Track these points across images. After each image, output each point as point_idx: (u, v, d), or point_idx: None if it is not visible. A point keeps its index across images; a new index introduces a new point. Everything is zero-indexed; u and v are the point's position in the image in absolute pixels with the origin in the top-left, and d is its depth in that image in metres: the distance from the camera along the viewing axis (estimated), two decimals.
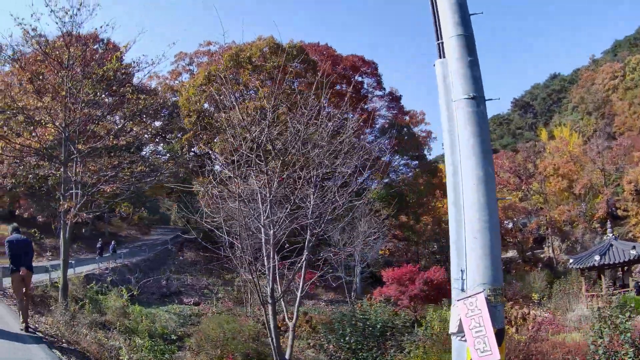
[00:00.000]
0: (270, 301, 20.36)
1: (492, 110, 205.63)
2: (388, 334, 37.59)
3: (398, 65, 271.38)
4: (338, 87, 73.33)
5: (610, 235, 54.15)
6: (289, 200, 21.67)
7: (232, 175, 22.63)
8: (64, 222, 32.21)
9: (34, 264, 22.07)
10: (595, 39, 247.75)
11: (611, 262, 49.16)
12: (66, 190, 32.49)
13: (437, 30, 10.14)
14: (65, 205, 30.68)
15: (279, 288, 22.03)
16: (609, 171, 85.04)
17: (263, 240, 21.47)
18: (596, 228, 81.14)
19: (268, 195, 21.24)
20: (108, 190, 34.39)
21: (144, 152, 71.96)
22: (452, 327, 8.82)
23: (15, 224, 22.39)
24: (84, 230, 72.10)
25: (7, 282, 29.90)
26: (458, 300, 8.62)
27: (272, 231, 20.90)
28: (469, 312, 8.36)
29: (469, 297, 8.43)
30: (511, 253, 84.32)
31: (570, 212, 79.72)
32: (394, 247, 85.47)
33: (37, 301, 29.98)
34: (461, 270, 8.79)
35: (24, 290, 20.45)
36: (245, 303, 51.15)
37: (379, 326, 37.38)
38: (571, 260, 54.23)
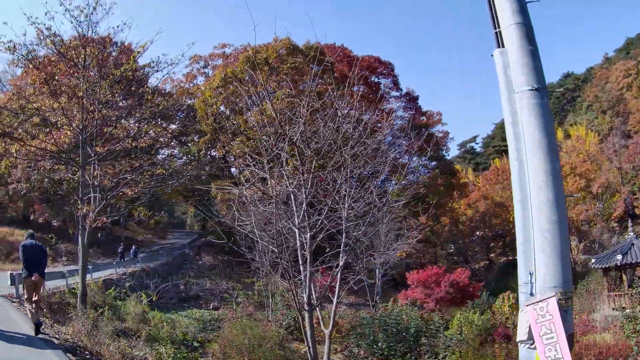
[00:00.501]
0: (307, 309, 19.45)
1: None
2: (422, 339, 36.70)
3: (412, 65, 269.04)
4: (355, 88, 71.98)
5: (632, 234, 52.73)
6: (323, 202, 20.54)
7: (265, 176, 21.85)
8: (83, 226, 30.86)
9: (49, 269, 25.00)
10: (607, 37, 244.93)
11: (633, 262, 47.88)
12: (84, 194, 30.94)
13: (493, 18, 9.82)
14: (85, 209, 29.34)
15: (313, 295, 20.66)
16: (625, 170, 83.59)
17: (298, 245, 20.66)
18: (614, 227, 79.74)
19: (304, 197, 19.93)
20: (129, 193, 33.10)
21: (160, 156, 70.81)
22: (521, 335, 8.59)
23: (30, 231, 22.22)
24: (100, 234, 70.52)
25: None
26: (527, 306, 8.37)
27: (308, 235, 19.93)
28: (539, 318, 8.14)
29: (539, 301, 8.19)
30: None
31: (588, 211, 78.27)
32: (412, 248, 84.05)
33: (54, 308, 29.32)
34: (530, 273, 8.54)
35: (35, 297, 20.47)
36: (267, 308, 49.85)
37: (412, 330, 36.62)
38: (593, 260, 52.77)
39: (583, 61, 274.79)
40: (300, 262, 20.44)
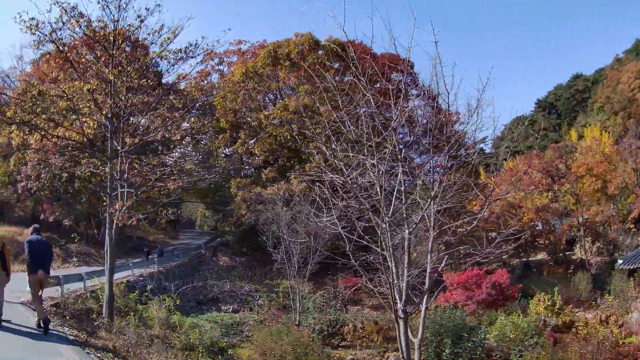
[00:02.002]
0: (402, 316, 17.66)
1: (515, 111, 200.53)
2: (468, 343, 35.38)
3: (427, 62, 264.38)
4: (377, 85, 69.77)
5: None
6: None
7: (342, 167, 18.82)
8: (110, 225, 27.28)
9: (66, 271, 26.12)
10: (616, 38, 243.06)
11: None
12: (112, 189, 27.25)
13: None
14: (116, 206, 25.69)
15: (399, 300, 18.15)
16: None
17: (388, 244, 18.02)
18: (630, 229, 76.98)
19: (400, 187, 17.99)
20: (172, 187, 29.27)
21: (175, 153, 67.70)
22: None
23: (36, 225, 21.59)
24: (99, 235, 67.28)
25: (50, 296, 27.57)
26: None
27: (407, 231, 17.81)
28: None
29: None
30: (540, 255, 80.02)
31: (604, 212, 75.37)
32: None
33: (77, 315, 26.16)
34: None
35: (39, 293, 20.12)
36: (294, 311, 47.37)
37: (481, 335, 36.04)
38: (620, 262, 50.41)
39: (592, 62, 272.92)
40: (392, 263, 17.83)
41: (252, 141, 63.22)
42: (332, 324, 42.54)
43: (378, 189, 17.89)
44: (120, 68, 26.85)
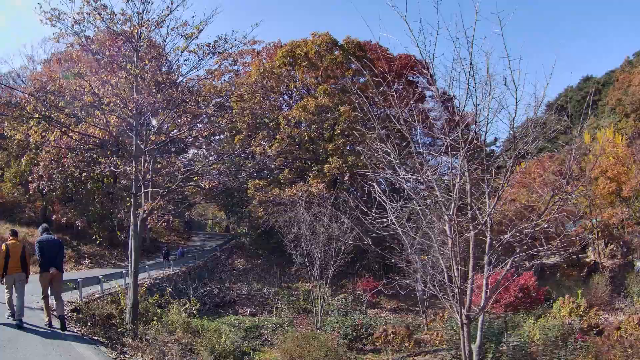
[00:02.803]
0: (465, 321, 16.29)
1: (526, 113, 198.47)
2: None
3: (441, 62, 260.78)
4: (395, 86, 68.29)
5: None
6: None
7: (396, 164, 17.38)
8: (135, 226, 25.97)
9: (86, 273, 26.23)
10: (625, 40, 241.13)
11: None
12: (138, 189, 25.88)
13: None
14: (145, 207, 24.10)
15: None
16: None
17: (456, 246, 16.56)
18: None
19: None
20: (206, 186, 27.59)
21: (190, 154, 66.12)
22: None
23: (45, 225, 21.78)
24: (122, 236, 65.55)
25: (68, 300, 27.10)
26: None
27: (472, 232, 16.46)
28: None
29: None
30: (552, 258, 78.56)
31: (618, 214, 73.92)
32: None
33: (98, 320, 24.57)
34: None
35: (49, 291, 20.17)
36: (315, 314, 45.43)
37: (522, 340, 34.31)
38: (639, 264, 49.00)
39: (601, 65, 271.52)
40: (455, 266, 16.24)
41: (266, 141, 61.57)
42: (357, 327, 40.90)
43: (452, 188, 16.80)
44: (146, 62, 25.47)
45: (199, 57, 26.95)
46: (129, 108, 25.45)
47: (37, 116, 24.19)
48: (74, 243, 55.22)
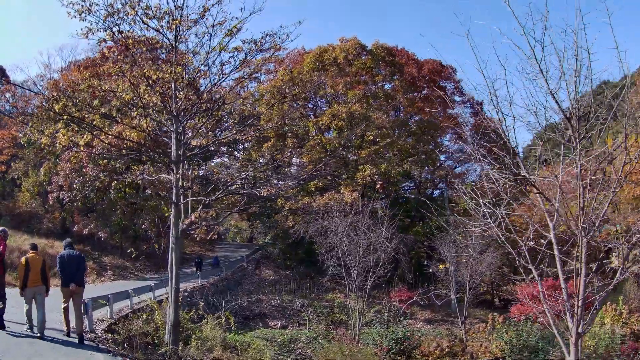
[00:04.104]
0: (574, 336, 14.10)
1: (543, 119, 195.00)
2: None
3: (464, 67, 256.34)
4: (425, 91, 67.78)
5: None
6: None
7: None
8: (176, 239, 23.47)
9: (114, 285, 27.13)
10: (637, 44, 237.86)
11: None
12: (178, 198, 23.29)
13: None
14: (193, 217, 21.44)
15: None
16: None
17: (581, 254, 14.33)
18: None
19: None
20: (264, 194, 24.87)
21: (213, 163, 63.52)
22: None
23: (68, 239, 21.43)
24: (145, 247, 62.76)
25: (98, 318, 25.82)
26: None
27: (584, 239, 14.06)
28: None
29: None
30: (572, 266, 75.82)
31: None
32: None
33: (133, 340, 22.84)
34: None
35: (68, 304, 19.76)
36: (352, 327, 43.37)
37: None
38: None
39: (617, 69, 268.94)
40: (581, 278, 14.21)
41: (295, 149, 58.86)
42: (400, 341, 37.96)
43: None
44: (188, 59, 23.64)
45: (245, 54, 23.90)
46: (169, 109, 22.84)
47: (65, 117, 21.50)
48: (96, 255, 52.84)
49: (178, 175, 22.69)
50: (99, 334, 22.65)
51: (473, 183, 65.21)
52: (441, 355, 37.57)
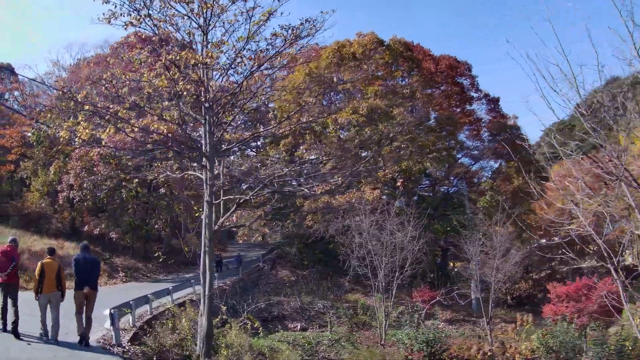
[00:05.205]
0: None
1: (553, 116, 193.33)
2: None
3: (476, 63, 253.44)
4: (442, 87, 67.30)
5: None
6: None
7: None
8: (210, 241, 21.82)
9: (134, 288, 28.22)
10: None
11: None
12: (212, 196, 21.42)
13: None
14: (235, 218, 19.34)
15: None
16: None
17: None
18: None
19: None
20: (318, 191, 22.65)
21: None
22: None
23: (85, 242, 21.04)
24: (156, 248, 60.54)
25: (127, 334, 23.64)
26: None
27: None
28: None
29: None
30: (587, 263, 73.73)
31: None
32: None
33: (163, 352, 21.40)
34: None
35: (84, 308, 19.24)
36: (379, 328, 41.98)
37: None
38: None
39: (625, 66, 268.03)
40: None
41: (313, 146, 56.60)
42: (430, 343, 36.84)
43: None
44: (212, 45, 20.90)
45: (284, 40, 21.34)
46: (202, 99, 20.71)
47: (87, 108, 19.74)
48: (107, 256, 50.43)
49: (217, 171, 20.33)
50: (126, 347, 20.97)
51: (490, 180, 63.65)
52: (483, 358, 35.86)
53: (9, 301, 18.31)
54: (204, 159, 21.24)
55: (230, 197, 22.38)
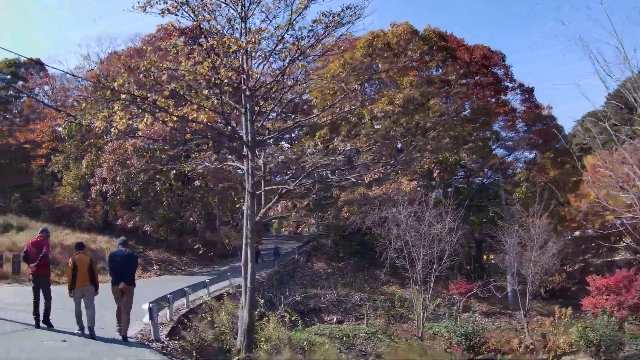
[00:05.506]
0: None
1: (586, 106, 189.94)
2: None
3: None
4: (477, 77, 65.76)
5: None
6: None
7: None
8: (252, 232, 21.43)
9: (175, 291, 26.09)
10: None
11: None
12: (255, 187, 21.02)
13: None
14: (279, 208, 18.77)
15: None
16: None
17: None
18: None
19: None
20: (367, 180, 22.06)
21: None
22: None
23: (123, 238, 20.82)
24: (190, 240, 60.08)
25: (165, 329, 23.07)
26: None
27: None
28: None
29: None
30: (621, 255, 72.39)
31: None
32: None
33: (203, 347, 21.51)
34: None
35: (123, 301, 18.63)
36: (417, 321, 41.27)
37: None
38: None
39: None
40: None
41: (348, 138, 55.94)
42: (469, 336, 36.17)
43: None
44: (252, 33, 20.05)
45: (325, 26, 20.68)
46: (243, 87, 20.06)
47: (124, 97, 18.98)
48: (140, 249, 49.88)
49: (260, 161, 19.68)
50: (165, 342, 20.52)
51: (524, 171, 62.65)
52: (525, 352, 35.12)
53: (41, 293, 18.22)
54: (244, 149, 20.65)
55: (273, 187, 21.74)
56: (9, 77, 66.51)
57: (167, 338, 21.20)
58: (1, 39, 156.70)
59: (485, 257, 65.07)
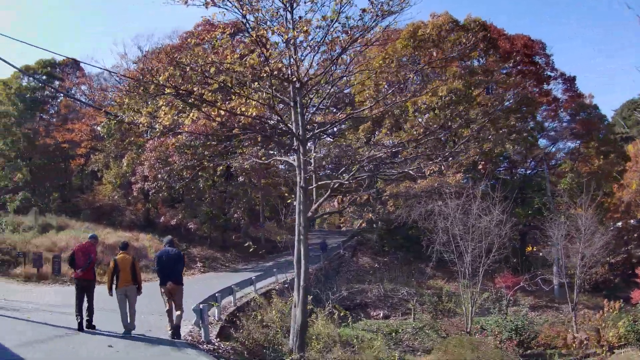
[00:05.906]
0: None
1: (625, 95, 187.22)
2: None
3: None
4: (518, 67, 64.04)
5: None
6: None
7: None
8: (305, 228, 20.77)
9: (223, 289, 26.65)
10: None
11: None
12: (306, 181, 20.21)
13: None
14: (336, 203, 18.99)
15: None
16: None
17: None
18: None
19: None
20: (428, 172, 21.40)
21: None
22: None
23: (169, 237, 20.73)
24: (234, 237, 59.68)
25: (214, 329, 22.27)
26: None
27: None
28: None
29: None
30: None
31: None
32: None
33: (255, 348, 20.97)
34: None
35: (173, 302, 18.80)
36: (465, 316, 39.83)
37: None
38: None
39: None
40: None
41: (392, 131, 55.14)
42: (520, 331, 35.17)
43: None
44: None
45: (375, 15, 19.63)
46: (293, 79, 19.18)
47: (168, 91, 18.12)
48: (184, 246, 49.61)
49: (312, 155, 18.89)
50: (216, 344, 19.85)
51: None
52: (579, 347, 34.15)
53: (85, 298, 18.20)
54: (294, 143, 19.95)
55: (327, 181, 21.00)
56: (44, 77, 65.82)
57: (217, 339, 20.62)
58: (35, 39, 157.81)
59: (528, 249, 64.08)
